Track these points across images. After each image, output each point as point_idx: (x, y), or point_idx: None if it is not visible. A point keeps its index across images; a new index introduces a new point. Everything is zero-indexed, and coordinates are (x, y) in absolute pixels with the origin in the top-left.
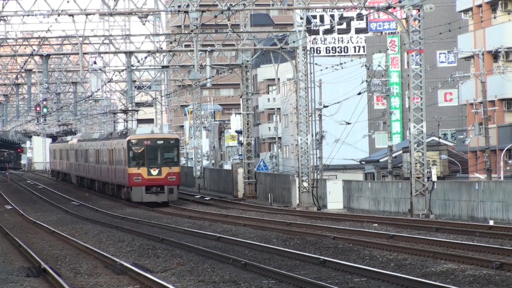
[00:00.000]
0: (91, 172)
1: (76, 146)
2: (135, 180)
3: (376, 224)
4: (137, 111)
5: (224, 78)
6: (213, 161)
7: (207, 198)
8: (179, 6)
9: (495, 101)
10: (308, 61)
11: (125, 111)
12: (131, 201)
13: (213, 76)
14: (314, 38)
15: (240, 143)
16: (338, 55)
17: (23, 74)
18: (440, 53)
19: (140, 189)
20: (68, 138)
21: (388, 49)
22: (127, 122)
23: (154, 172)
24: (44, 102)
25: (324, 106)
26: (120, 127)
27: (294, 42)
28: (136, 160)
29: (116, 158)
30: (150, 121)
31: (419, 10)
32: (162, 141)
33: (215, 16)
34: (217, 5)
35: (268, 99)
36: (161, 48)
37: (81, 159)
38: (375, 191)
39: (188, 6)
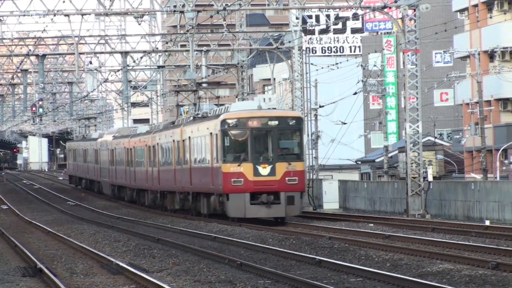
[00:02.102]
0: (140, 179)
1: (111, 145)
2: (233, 184)
3: (372, 224)
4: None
5: (219, 78)
6: None
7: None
8: (174, 6)
9: (491, 101)
10: (303, 61)
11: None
12: (227, 216)
13: (208, 76)
14: (310, 38)
15: None
16: (334, 55)
17: (19, 74)
18: (436, 53)
19: (242, 198)
20: (95, 134)
21: (384, 49)
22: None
23: (265, 170)
24: (40, 102)
25: (320, 106)
26: (118, 125)
27: (289, 42)
28: (235, 151)
29: (195, 152)
30: (146, 121)
31: (415, 10)
32: (277, 122)
33: (211, 16)
34: (212, 5)
35: (264, 99)
36: (157, 48)
37: (120, 162)
38: (371, 191)
39: (183, 6)
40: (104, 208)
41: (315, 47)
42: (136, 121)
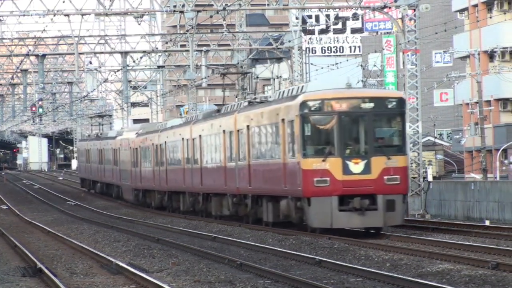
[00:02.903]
0: (174, 181)
1: (135, 143)
2: (317, 184)
3: None
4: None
5: (219, 78)
6: None
7: None
8: (174, 6)
9: (491, 101)
10: (303, 61)
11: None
12: (308, 226)
13: (208, 76)
14: (310, 38)
15: None
16: (334, 55)
17: (19, 74)
18: (435, 53)
19: (328, 203)
20: (111, 132)
21: (383, 49)
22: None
23: (357, 167)
24: (40, 102)
25: None
26: (118, 125)
27: (289, 42)
28: (318, 143)
29: (257, 145)
30: (146, 121)
31: (414, 10)
32: (372, 104)
33: (211, 16)
34: (212, 5)
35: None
36: (157, 48)
37: (146, 162)
38: None
39: (183, 6)
40: (104, 208)
41: (315, 47)
42: (136, 121)
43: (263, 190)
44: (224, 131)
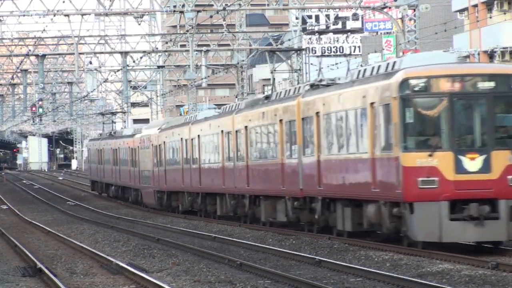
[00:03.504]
0: (209, 181)
1: (158, 140)
2: (422, 186)
3: None
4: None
5: (219, 78)
6: None
7: None
8: (174, 6)
9: None
10: (303, 61)
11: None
12: (408, 238)
13: (208, 76)
14: (310, 38)
15: None
16: (334, 55)
17: (19, 74)
18: None
19: (436, 210)
20: (127, 130)
21: (383, 49)
22: None
23: (473, 163)
24: (40, 102)
25: None
26: (118, 125)
27: (289, 39)
28: (422, 133)
29: (332, 135)
30: (146, 121)
31: (414, 10)
32: (493, 83)
33: (211, 16)
34: (212, 5)
35: None
36: (157, 48)
37: (173, 161)
38: None
39: (183, 6)
40: (104, 208)
41: (315, 47)
42: (136, 121)
43: (338, 191)
44: (280, 120)
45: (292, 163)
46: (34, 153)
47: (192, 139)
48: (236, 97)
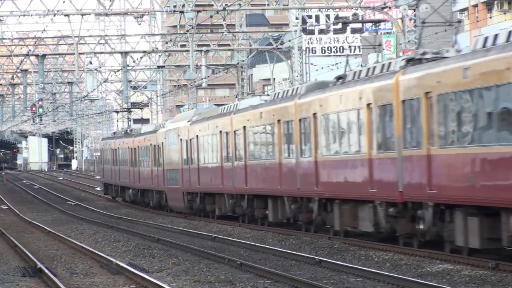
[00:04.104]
0: (255, 179)
1: (188, 133)
2: None
3: None
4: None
5: (219, 78)
6: None
7: None
8: (174, 6)
9: None
10: (303, 61)
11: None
12: None
13: (208, 76)
14: (310, 38)
15: None
16: (334, 55)
17: (19, 74)
18: None
19: None
20: (147, 127)
21: (383, 49)
22: None
23: None
24: (40, 102)
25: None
26: (118, 125)
27: (289, 40)
28: None
29: (460, 120)
30: (146, 121)
31: (414, 10)
32: None
33: (211, 16)
34: (212, 5)
35: None
36: (157, 48)
37: (211, 158)
38: None
39: (183, 6)
40: (104, 208)
41: (315, 47)
42: (136, 121)
43: (456, 196)
44: (368, 105)
45: (385, 157)
46: (34, 153)
47: (235, 132)
48: (236, 97)
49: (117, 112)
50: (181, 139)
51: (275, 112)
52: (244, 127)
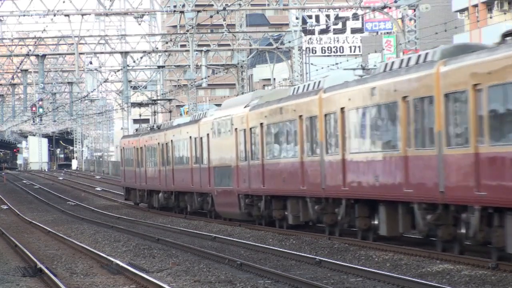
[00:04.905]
0: (358, 178)
1: (248, 122)
2: None
3: None
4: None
5: (219, 78)
6: None
7: None
8: (174, 6)
9: None
10: (303, 61)
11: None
12: None
13: (208, 76)
14: (310, 38)
15: None
16: (334, 55)
17: (19, 74)
18: None
19: None
20: (180, 119)
21: (384, 49)
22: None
23: None
24: (40, 102)
25: None
26: (118, 125)
27: (289, 42)
28: None
29: None
30: (146, 121)
31: (414, 10)
32: None
33: (211, 16)
34: (212, 5)
35: None
36: (157, 48)
37: (277, 150)
38: None
39: (183, 6)
40: (104, 208)
41: (315, 47)
42: (136, 121)
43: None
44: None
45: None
46: (34, 153)
47: (326, 116)
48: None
49: (140, 105)
50: (236, 129)
51: (398, 86)
52: (342, 108)
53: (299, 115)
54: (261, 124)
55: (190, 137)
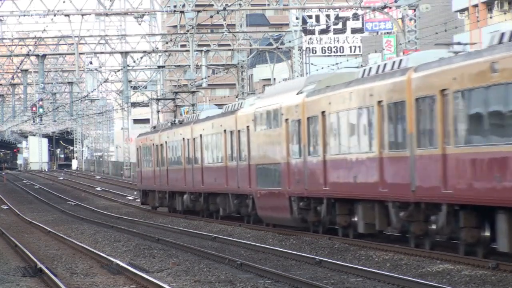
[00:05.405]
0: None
1: (304, 110)
2: None
3: None
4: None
5: (220, 78)
6: None
7: None
8: (175, 6)
9: None
10: (303, 61)
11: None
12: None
13: (209, 76)
14: (310, 38)
15: None
16: (334, 55)
17: (19, 74)
18: None
19: None
20: (207, 113)
21: (384, 49)
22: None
23: None
24: (40, 102)
25: None
26: (118, 125)
27: (290, 42)
28: None
29: None
30: (146, 121)
31: (414, 10)
32: None
33: (211, 16)
34: (212, 5)
35: None
36: (157, 48)
37: (345, 144)
38: None
39: (184, 6)
40: (104, 208)
41: (315, 47)
42: (136, 121)
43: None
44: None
45: None
46: (35, 153)
47: (417, 100)
48: (237, 97)
49: (176, 93)
50: (286, 120)
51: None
52: (443, 91)
53: (377, 101)
54: (323, 112)
55: (225, 130)
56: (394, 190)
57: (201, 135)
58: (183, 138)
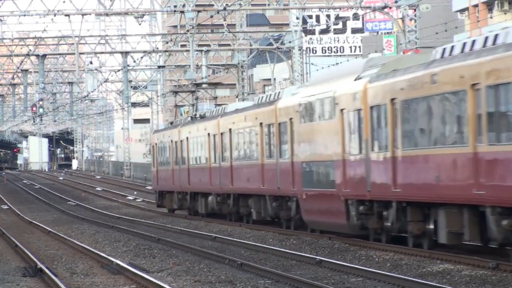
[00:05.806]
0: None
1: (363, 100)
2: None
3: None
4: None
5: (220, 78)
6: None
7: None
8: (175, 6)
9: None
10: (304, 61)
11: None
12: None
13: (209, 76)
14: (310, 38)
15: None
16: (334, 55)
17: (19, 74)
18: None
19: None
20: (233, 105)
21: (384, 49)
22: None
23: None
24: (40, 102)
25: None
26: (118, 125)
27: (290, 42)
28: None
29: None
30: (146, 121)
31: (415, 10)
32: None
33: (211, 16)
34: (213, 5)
35: None
36: (157, 48)
37: (440, 137)
38: None
39: (184, 6)
40: (104, 208)
41: (315, 47)
42: (136, 121)
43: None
44: None
45: None
46: (35, 153)
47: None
48: (237, 97)
49: (197, 84)
50: (341, 110)
51: None
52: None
53: (471, 84)
54: (393, 100)
55: (261, 123)
56: (493, 193)
57: (230, 130)
58: (208, 134)
